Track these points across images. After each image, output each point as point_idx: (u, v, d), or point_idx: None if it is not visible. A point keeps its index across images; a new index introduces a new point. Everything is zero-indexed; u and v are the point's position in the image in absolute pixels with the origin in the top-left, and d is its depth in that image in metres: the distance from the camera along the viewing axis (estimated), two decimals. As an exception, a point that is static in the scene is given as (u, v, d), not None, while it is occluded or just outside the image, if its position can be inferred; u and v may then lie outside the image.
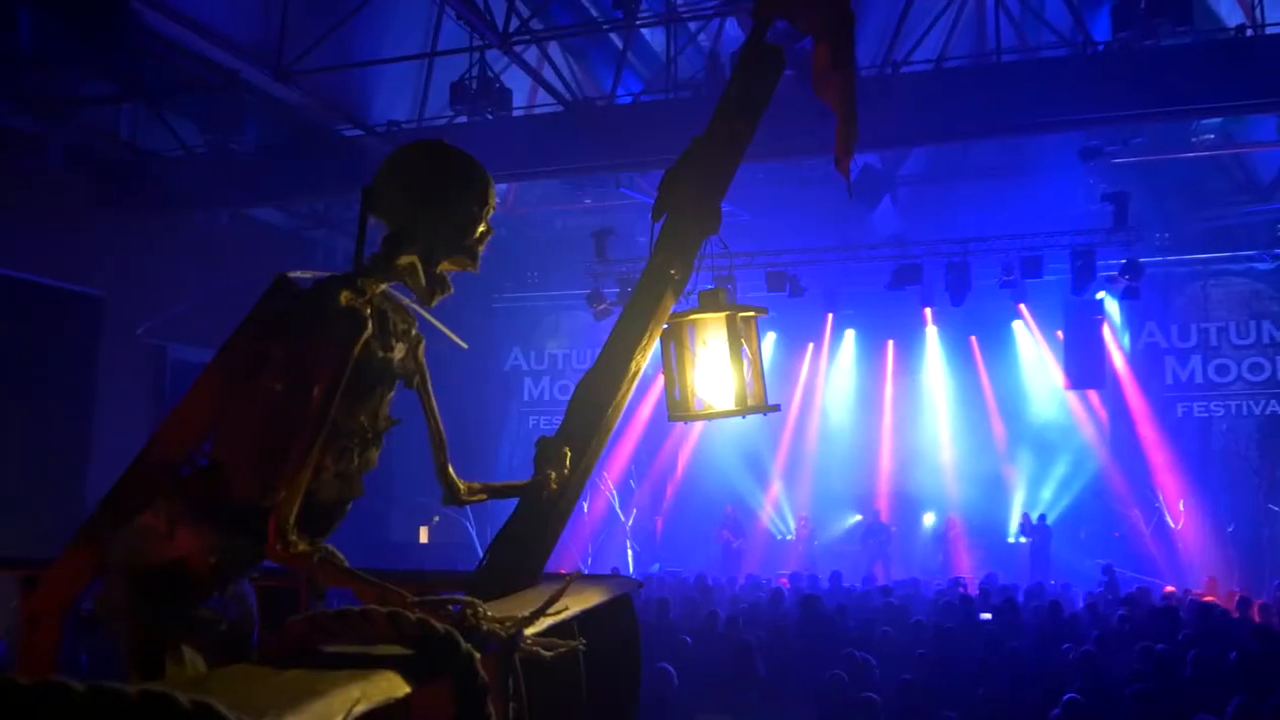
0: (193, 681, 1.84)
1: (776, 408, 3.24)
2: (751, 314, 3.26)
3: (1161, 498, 16.93)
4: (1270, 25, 11.00)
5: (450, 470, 2.41)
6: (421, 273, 2.20)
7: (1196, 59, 11.02)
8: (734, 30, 13.20)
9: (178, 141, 13.04)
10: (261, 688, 1.44)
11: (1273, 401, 16.67)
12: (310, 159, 12.85)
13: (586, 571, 3.95)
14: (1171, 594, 13.05)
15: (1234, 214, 16.61)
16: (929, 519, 18.95)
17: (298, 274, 2.15)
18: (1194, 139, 15.11)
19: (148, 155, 13.00)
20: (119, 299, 12.45)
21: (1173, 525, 16.78)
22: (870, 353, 19.55)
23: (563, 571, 2.56)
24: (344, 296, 2.04)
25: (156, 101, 12.61)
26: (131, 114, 12.98)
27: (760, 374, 3.22)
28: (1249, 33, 11.00)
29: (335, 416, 2.04)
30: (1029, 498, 18.22)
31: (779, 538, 19.44)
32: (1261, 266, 16.66)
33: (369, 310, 2.07)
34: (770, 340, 18.51)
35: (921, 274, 15.63)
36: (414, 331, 2.29)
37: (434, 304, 2.26)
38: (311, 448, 1.97)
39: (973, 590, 12.60)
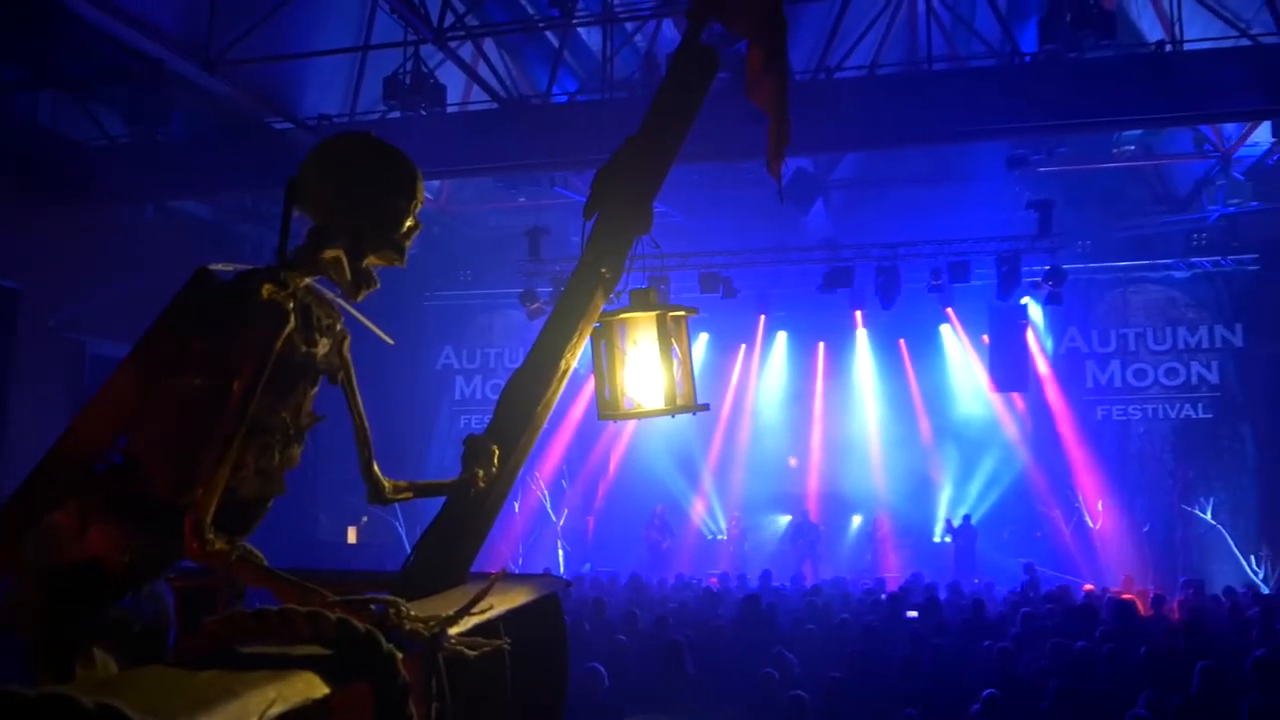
0: (102, 684, 1.80)
1: (706, 407, 3.25)
2: (682, 313, 3.27)
3: (1081, 498, 17.38)
4: (1189, 41, 11.34)
5: (375, 468, 2.38)
6: (347, 267, 2.16)
7: (1119, 72, 11.33)
8: (670, 32, 13.25)
9: (101, 131, 12.70)
10: (174, 689, 1.40)
11: (1187, 406, 17.20)
12: (238, 152, 12.58)
13: (517, 571, 3.93)
14: (1091, 592, 13.39)
15: (1152, 223, 17.10)
16: (857, 519, 19.21)
17: (219, 266, 2.10)
18: (1115, 150, 15.56)
19: (69, 145, 12.63)
20: (35, 292, 12.06)
21: (1091, 525, 17.23)
22: (801, 354, 19.75)
23: (491, 571, 2.54)
24: (266, 289, 1.99)
25: (78, 90, 12.26)
26: (51, 102, 12.60)
27: (690, 373, 3.23)
28: (1168, 48, 11.33)
29: (256, 412, 2.00)
30: (955, 498, 18.57)
31: (710, 537, 19.55)
32: (1178, 275, 17.18)
33: (292, 304, 2.03)
34: (703, 341, 18.63)
35: (852, 277, 15.83)
36: (339, 327, 2.25)
37: (360, 299, 2.22)
38: (231, 444, 1.93)
39: (895, 589, 12.79)
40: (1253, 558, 15.81)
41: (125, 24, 10.54)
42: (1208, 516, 16.38)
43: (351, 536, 17.34)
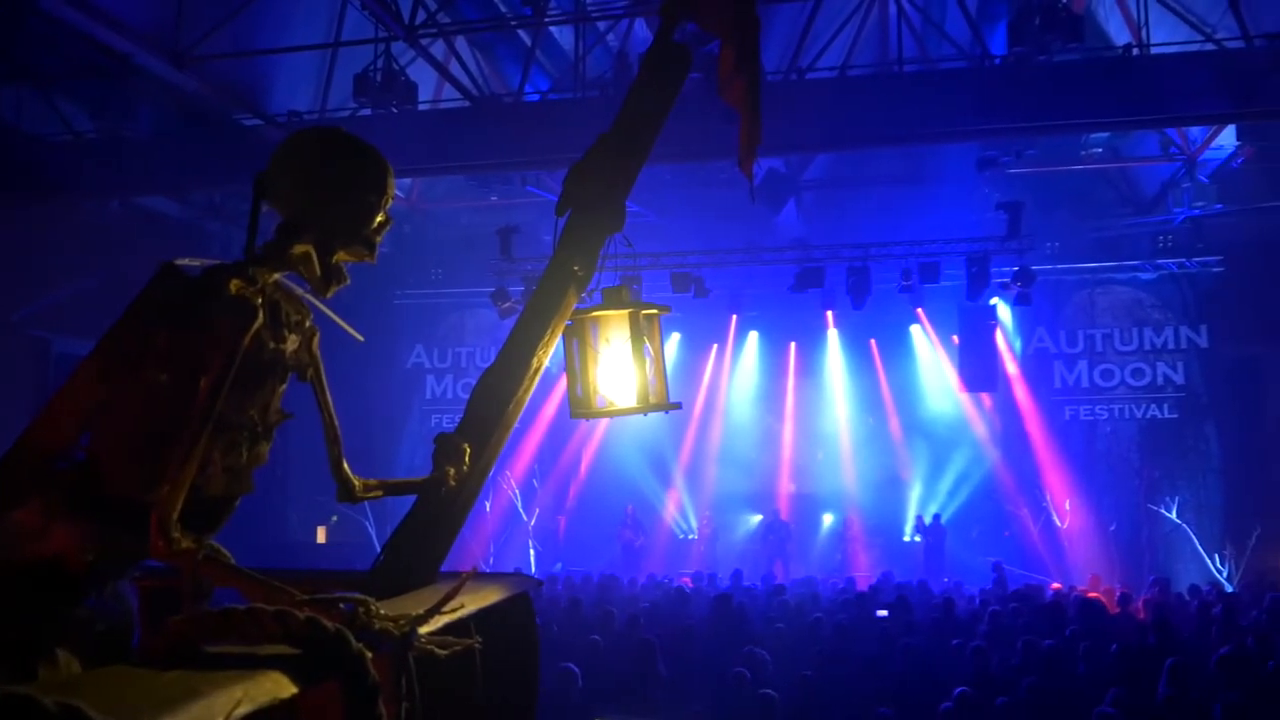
0: (64, 684, 1.77)
1: (678, 406, 3.25)
2: (654, 311, 3.27)
3: (1049, 497, 17.55)
4: (1155, 45, 11.48)
5: (345, 466, 2.35)
6: (316, 263, 2.13)
7: (1086, 75, 11.46)
8: (643, 31, 13.25)
9: (66, 127, 12.54)
10: (138, 689, 1.38)
11: (1153, 406, 17.41)
12: (207, 148, 12.46)
13: (488, 571, 3.91)
14: (1059, 590, 13.52)
15: (1119, 225, 17.30)
16: (828, 518, 19.31)
17: (185, 262, 2.07)
18: (1083, 152, 15.71)
19: (34, 140, 12.46)
20: (-1, 288, 11.93)
21: (1059, 524, 17.40)
22: (773, 354, 19.83)
23: (462, 570, 2.53)
24: (234, 285, 1.97)
25: (44, 85, 12.10)
26: (16, 97, 12.43)
27: (663, 372, 3.23)
28: (1135, 52, 11.46)
29: (224, 409, 1.97)
30: (924, 497, 18.71)
31: (682, 537, 19.58)
32: (1144, 276, 17.38)
33: (260, 300, 2.00)
34: (675, 341, 18.66)
35: (823, 278, 15.89)
36: (308, 323, 2.22)
37: (329, 295, 2.20)
38: (197, 441, 1.91)
39: (865, 588, 12.86)
40: (1216, 556, 16.03)
41: (92, 19, 10.41)
42: (1173, 515, 16.59)
43: (321, 536, 17.23)
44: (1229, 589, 13.93)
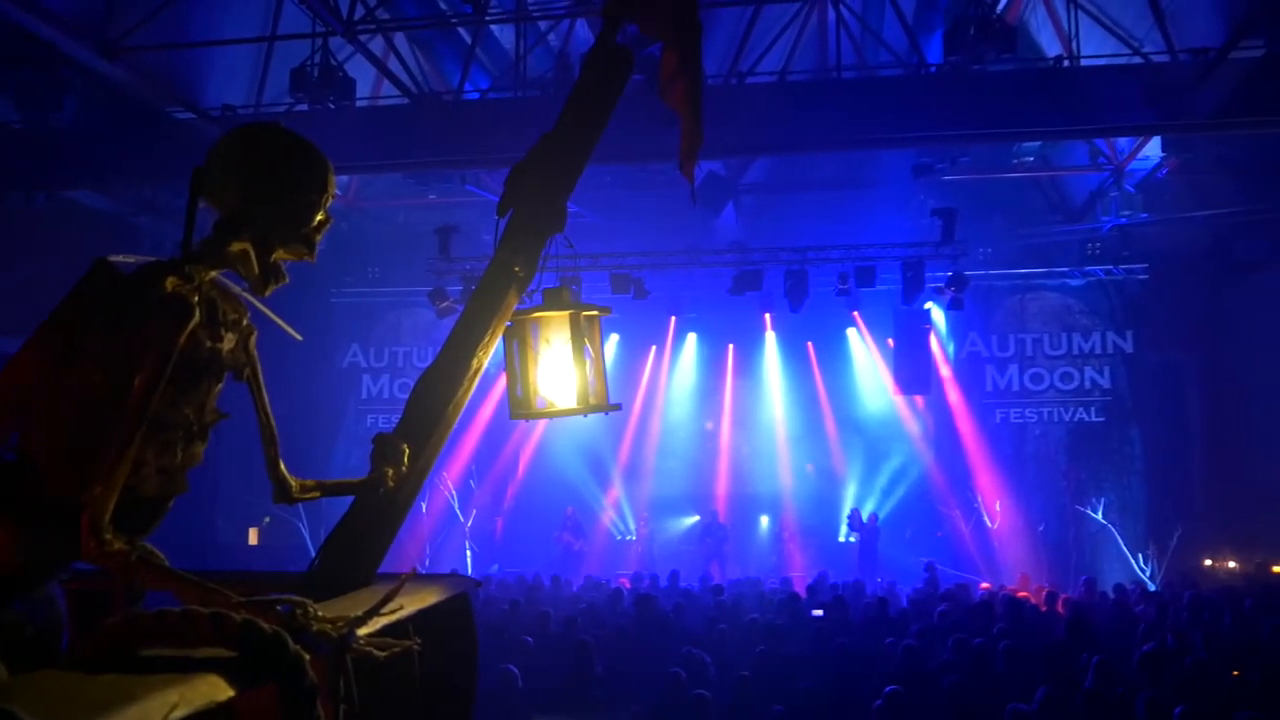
0: (-8, 689, 1.72)
1: (618, 407, 3.27)
2: (595, 313, 3.28)
3: (980, 498, 17.86)
4: (1085, 58, 11.76)
5: (281, 466, 2.33)
6: (255, 261, 2.11)
7: (1019, 85, 11.71)
8: (584, 32, 13.25)
9: (-13, 116, 12.19)
10: (71, 693, 1.36)
11: (1080, 409, 17.82)
12: (137, 141, 12.19)
13: (425, 572, 3.89)
14: (988, 590, 13.78)
15: (1050, 233, 17.67)
16: (765, 519, 19.46)
17: (119, 258, 2.03)
18: (1015, 160, 16.02)
19: (-46, 130, 12.11)
20: (-83, 283, 11.54)
21: (990, 524, 17.72)
22: (711, 356, 19.94)
23: (400, 572, 2.51)
24: (169, 282, 1.94)
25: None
26: (-66, 85, 12.06)
27: (602, 373, 3.25)
28: (1066, 64, 11.73)
29: (158, 409, 1.94)
30: (859, 499, 18.94)
31: (619, 538, 19.59)
32: (1073, 283, 17.79)
33: (196, 298, 1.97)
34: (614, 342, 18.68)
35: (762, 280, 16.01)
36: (245, 322, 2.19)
37: (267, 294, 2.18)
38: (131, 441, 1.87)
39: (800, 588, 12.99)
40: (1140, 556, 16.45)
41: (17, 5, 10.11)
42: (1099, 516, 16.99)
43: (253, 538, 16.93)
44: (1152, 588, 14.30)
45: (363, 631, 1.94)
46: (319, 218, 2.21)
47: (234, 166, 2.11)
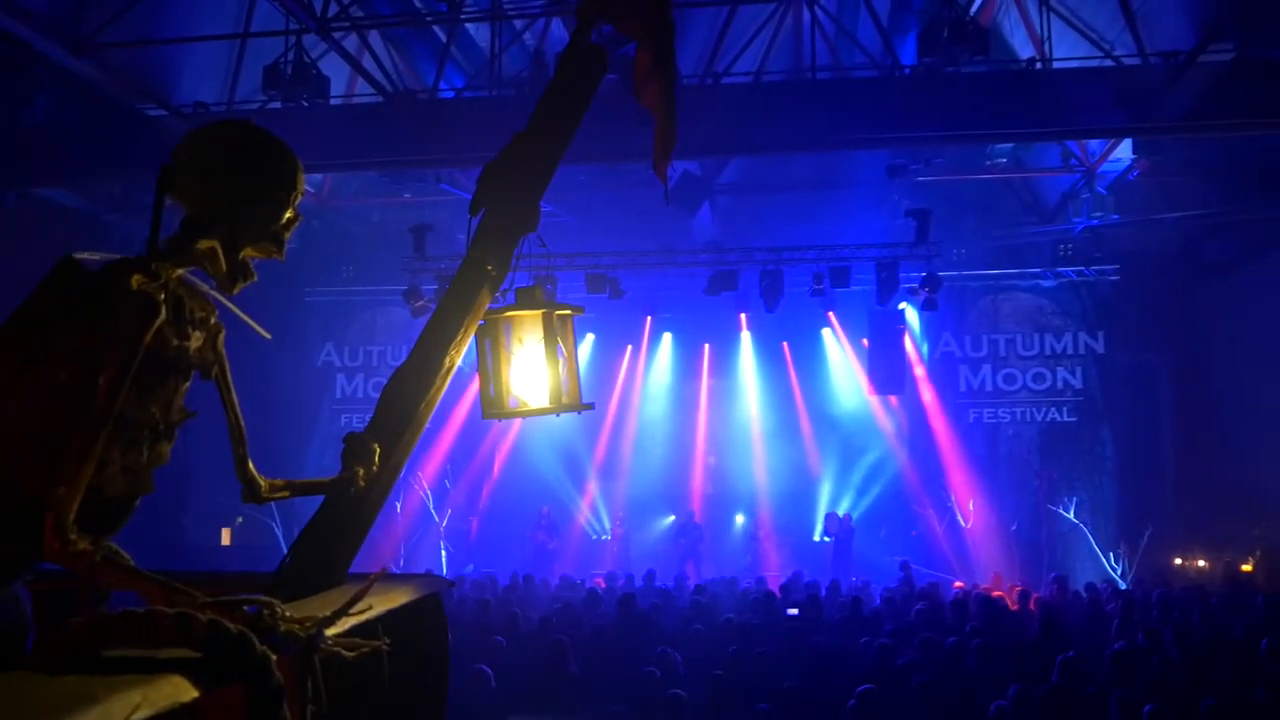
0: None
1: (590, 406, 3.26)
2: (568, 312, 3.28)
3: (954, 498, 17.97)
4: (1057, 60, 11.85)
5: (250, 465, 2.31)
6: (222, 258, 2.09)
7: (992, 87, 11.80)
8: (559, 31, 13.21)
9: (-45, 113, 12.02)
10: (33, 694, 1.35)
11: (1052, 409, 17.97)
12: (107, 138, 12.07)
13: (399, 572, 3.87)
14: (961, 588, 13.87)
15: (1022, 234, 17.80)
16: (740, 519, 19.50)
17: (85, 255, 2.01)
18: (988, 162, 16.15)
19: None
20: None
21: (963, 524, 17.83)
22: (687, 356, 19.95)
23: (371, 572, 2.50)
24: (135, 280, 1.92)
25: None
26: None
27: (575, 372, 3.24)
28: (1038, 66, 11.82)
29: (124, 407, 1.92)
30: (834, 498, 19.01)
31: (595, 538, 19.58)
32: (1046, 284, 17.92)
33: (163, 295, 1.95)
34: (589, 342, 18.67)
35: (737, 281, 16.04)
36: (213, 320, 2.18)
37: (236, 292, 2.16)
38: (96, 440, 1.85)
39: (775, 588, 13.02)
40: (1111, 555, 16.60)
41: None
42: (1071, 516, 17.13)
43: (225, 538, 16.79)
44: (1123, 586, 14.43)
45: (331, 632, 1.93)
46: (288, 215, 2.19)
47: (201, 163, 2.09)
